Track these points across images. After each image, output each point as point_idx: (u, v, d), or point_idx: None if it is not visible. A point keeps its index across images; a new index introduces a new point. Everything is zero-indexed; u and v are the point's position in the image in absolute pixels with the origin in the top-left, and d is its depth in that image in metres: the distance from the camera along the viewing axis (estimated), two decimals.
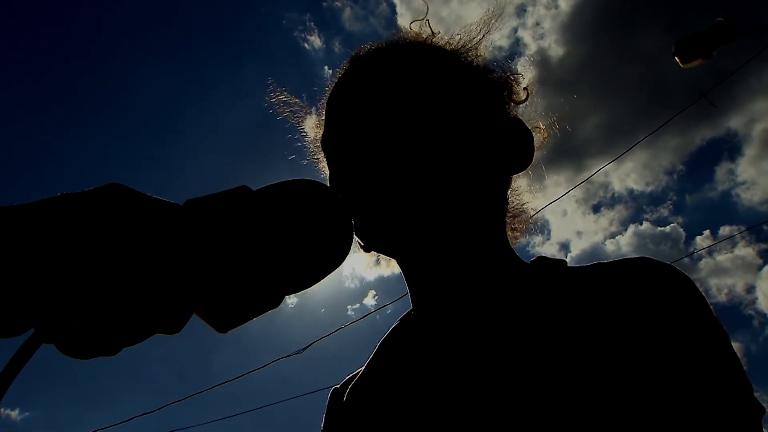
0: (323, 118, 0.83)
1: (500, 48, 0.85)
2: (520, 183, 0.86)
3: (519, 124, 0.80)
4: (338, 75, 0.82)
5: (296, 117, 0.92)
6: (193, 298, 0.47)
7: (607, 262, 0.70)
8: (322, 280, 0.56)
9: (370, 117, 0.72)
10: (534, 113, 0.88)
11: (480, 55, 0.83)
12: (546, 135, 0.88)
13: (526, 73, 0.86)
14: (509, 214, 0.83)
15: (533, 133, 0.81)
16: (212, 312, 0.50)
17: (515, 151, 0.78)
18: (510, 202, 0.83)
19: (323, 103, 0.84)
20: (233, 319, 0.51)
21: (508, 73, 0.84)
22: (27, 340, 0.41)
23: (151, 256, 0.44)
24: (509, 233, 0.82)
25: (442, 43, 0.83)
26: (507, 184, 0.81)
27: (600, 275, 0.68)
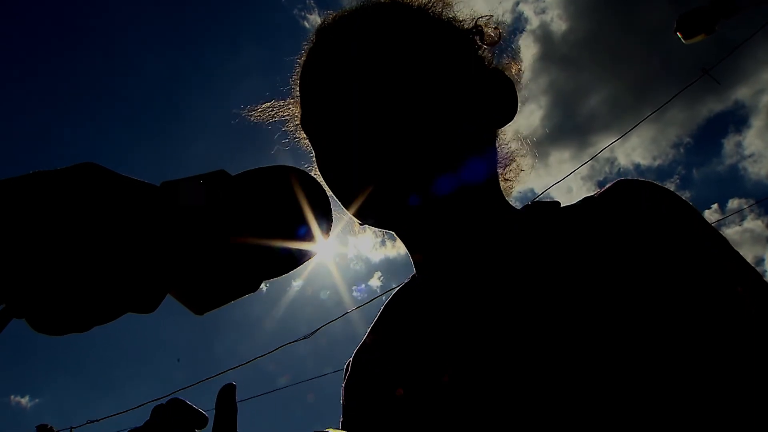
0: (299, 96, 0.82)
1: (501, 23, 0.83)
2: (507, 132, 0.85)
3: (498, 74, 0.79)
4: (306, 49, 0.80)
5: (279, 116, 0.90)
6: (167, 279, 0.47)
7: (593, 194, 0.71)
8: (302, 265, 0.56)
9: (346, 90, 0.71)
10: (508, 54, 0.86)
11: (448, 4, 0.81)
12: (517, 67, 0.86)
13: (494, 15, 0.84)
14: (500, 165, 0.82)
15: (508, 73, 0.80)
16: (188, 294, 0.50)
17: (499, 103, 0.77)
18: (499, 153, 0.82)
19: (296, 80, 0.82)
20: (209, 301, 0.51)
21: (477, 17, 0.82)
22: None
23: (122, 234, 0.44)
24: (502, 183, 0.82)
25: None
26: (495, 135, 0.81)
27: (588, 207, 0.69)
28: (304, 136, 0.84)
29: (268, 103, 0.90)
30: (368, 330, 0.85)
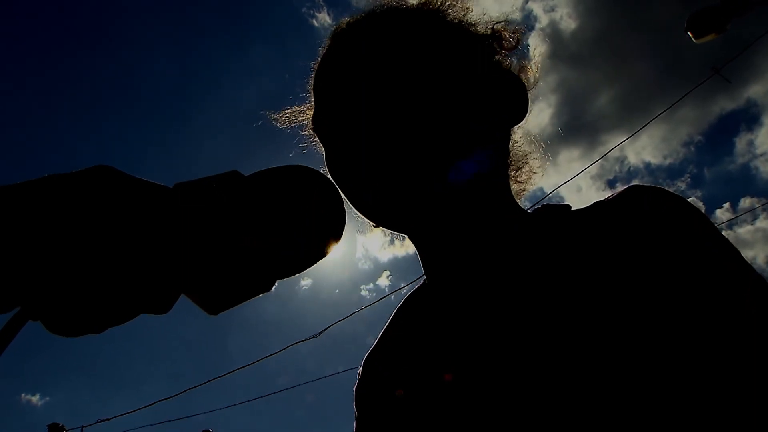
0: (312, 99, 0.82)
1: (511, 21, 0.83)
2: (519, 135, 0.85)
3: (508, 75, 0.79)
4: (321, 53, 0.81)
5: (299, 119, 0.91)
6: (181, 280, 0.48)
7: (604, 199, 0.70)
8: (314, 265, 0.56)
9: (356, 91, 0.71)
10: (522, 55, 0.86)
11: (467, 8, 0.81)
12: (535, 71, 0.86)
13: (512, 19, 0.84)
14: (512, 168, 0.82)
15: (523, 75, 0.81)
16: (202, 294, 0.50)
17: (510, 104, 0.77)
18: (512, 156, 0.82)
19: (310, 84, 0.83)
20: (223, 302, 0.51)
21: (495, 23, 0.82)
22: (13, 316, 0.42)
23: (137, 236, 0.44)
24: (514, 186, 0.82)
25: (420, 3, 0.81)
26: (507, 137, 0.81)
27: (597, 212, 0.69)
28: (316, 138, 0.84)
29: (290, 108, 0.91)
30: (379, 335, 0.85)
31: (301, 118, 0.90)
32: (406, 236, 0.81)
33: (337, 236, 0.58)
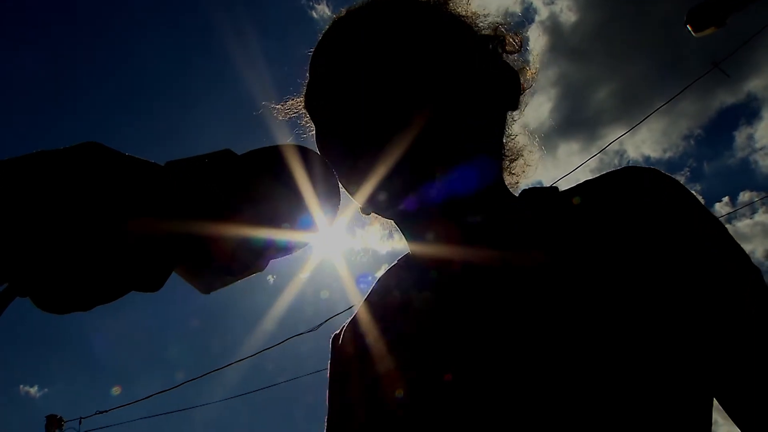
0: (307, 80, 0.82)
1: (510, 14, 0.82)
2: (517, 128, 0.86)
3: (504, 67, 0.80)
4: (321, 36, 0.81)
5: (297, 110, 0.91)
6: (172, 258, 0.47)
7: (594, 178, 0.70)
8: (308, 245, 0.56)
9: (357, 75, 0.71)
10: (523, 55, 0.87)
11: (468, 4, 0.81)
12: (533, 71, 0.86)
13: (514, 21, 0.84)
14: (506, 159, 0.83)
15: (522, 73, 0.81)
16: (195, 273, 0.50)
17: (503, 90, 0.78)
18: (506, 147, 0.83)
19: (307, 69, 0.83)
20: (216, 281, 0.51)
21: (499, 24, 0.83)
22: (1, 292, 0.41)
23: (126, 212, 0.44)
24: (508, 178, 0.83)
25: None
26: (502, 129, 0.81)
27: (595, 195, 0.69)
28: (307, 119, 0.84)
29: (289, 99, 0.91)
30: (361, 307, 0.84)
31: (298, 108, 0.89)
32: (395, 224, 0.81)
33: (333, 214, 0.57)
